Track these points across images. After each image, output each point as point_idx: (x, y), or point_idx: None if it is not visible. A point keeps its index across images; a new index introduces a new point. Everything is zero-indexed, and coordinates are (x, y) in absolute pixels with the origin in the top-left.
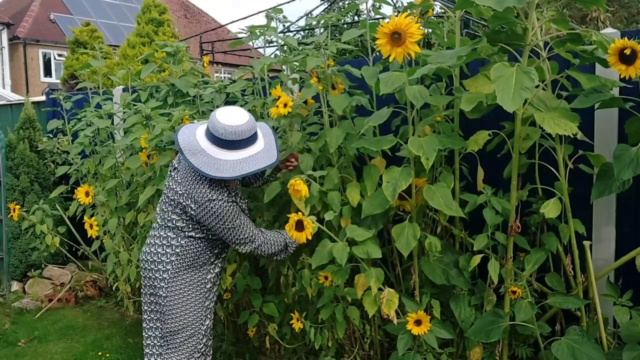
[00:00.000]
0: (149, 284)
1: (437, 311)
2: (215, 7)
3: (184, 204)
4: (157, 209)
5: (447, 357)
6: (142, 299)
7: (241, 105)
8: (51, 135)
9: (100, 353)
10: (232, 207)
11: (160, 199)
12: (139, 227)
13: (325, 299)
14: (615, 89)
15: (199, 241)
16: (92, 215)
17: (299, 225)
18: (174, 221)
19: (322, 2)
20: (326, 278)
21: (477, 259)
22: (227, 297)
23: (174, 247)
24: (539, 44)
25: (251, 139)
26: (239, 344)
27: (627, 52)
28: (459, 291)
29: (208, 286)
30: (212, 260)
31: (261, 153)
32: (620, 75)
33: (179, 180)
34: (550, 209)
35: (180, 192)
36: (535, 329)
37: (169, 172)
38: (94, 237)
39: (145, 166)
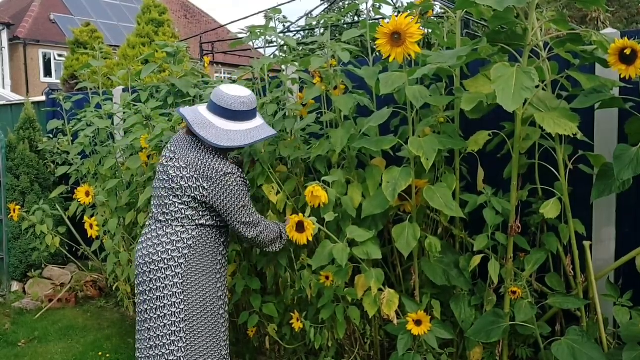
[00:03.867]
0: (151, 288)
1: (437, 311)
2: (215, 7)
3: (195, 186)
4: (153, 208)
5: (447, 358)
6: (137, 308)
7: None
8: (51, 136)
9: (100, 353)
10: (244, 183)
11: (154, 196)
12: (139, 227)
13: (325, 299)
14: (615, 89)
15: (209, 230)
16: (92, 216)
17: (300, 227)
18: (183, 211)
19: (322, 2)
20: (327, 278)
21: (477, 259)
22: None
23: (185, 240)
24: (539, 44)
25: (255, 111)
26: (239, 345)
27: (627, 52)
28: (459, 291)
29: (217, 276)
30: (220, 250)
31: (264, 125)
32: (620, 75)
33: (184, 165)
34: (550, 209)
35: (189, 176)
36: (535, 329)
37: (161, 165)
38: (94, 237)
39: (146, 166)
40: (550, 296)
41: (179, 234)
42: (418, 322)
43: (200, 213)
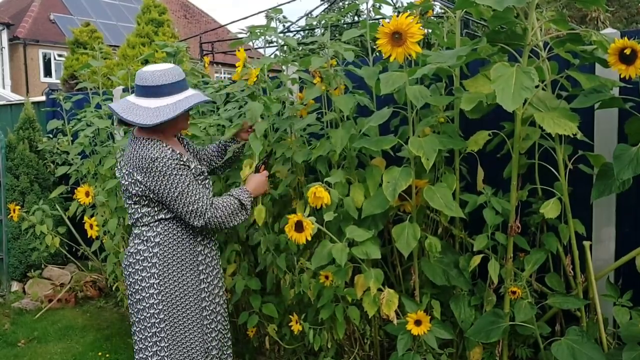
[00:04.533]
0: (132, 292)
1: (437, 311)
2: (215, 7)
3: (132, 181)
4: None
5: (447, 358)
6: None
7: (241, 106)
8: (51, 136)
9: (100, 353)
10: (179, 167)
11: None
12: None
13: (325, 299)
14: (615, 89)
15: (174, 223)
16: (92, 216)
17: (299, 226)
18: (138, 210)
19: (322, 2)
20: (327, 277)
21: (477, 259)
22: (227, 297)
23: (152, 239)
24: (538, 44)
25: (183, 83)
26: (238, 345)
27: (627, 52)
28: (459, 291)
29: (200, 268)
30: (198, 239)
31: (197, 94)
32: (620, 75)
33: (124, 164)
34: (549, 209)
35: (128, 172)
36: (535, 329)
37: (118, 175)
38: (94, 237)
39: None
40: (550, 296)
41: (145, 233)
42: (418, 322)
43: (155, 208)
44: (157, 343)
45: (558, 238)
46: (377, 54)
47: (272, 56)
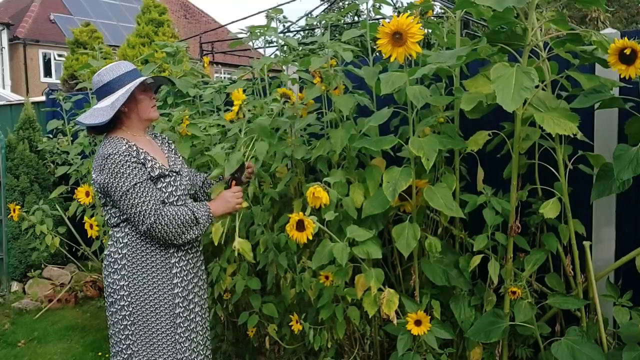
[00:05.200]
0: (106, 296)
1: (437, 311)
2: (215, 7)
3: (93, 181)
4: None
5: (447, 358)
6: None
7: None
8: (51, 136)
9: (100, 353)
10: (130, 164)
11: None
12: None
13: (325, 299)
14: (615, 89)
15: None
16: (92, 216)
17: (300, 225)
18: (108, 211)
19: (322, 2)
20: (327, 277)
21: (477, 259)
22: (227, 297)
23: (120, 240)
24: (538, 44)
25: (132, 74)
26: (238, 345)
27: (627, 52)
28: (459, 291)
29: (174, 271)
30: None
31: (139, 79)
32: (620, 75)
33: (92, 170)
34: (549, 209)
35: (94, 177)
36: (535, 329)
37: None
38: (94, 237)
39: None
40: (550, 296)
41: (115, 234)
42: (418, 322)
43: (121, 208)
44: (131, 346)
45: (558, 238)
46: (377, 54)
47: (272, 56)
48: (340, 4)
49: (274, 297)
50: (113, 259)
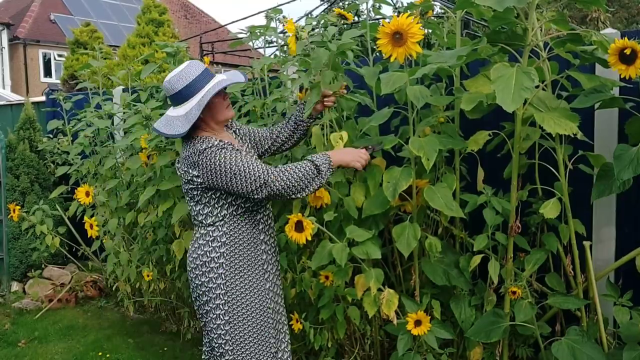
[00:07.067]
0: (198, 294)
1: (437, 311)
2: (215, 7)
3: (191, 178)
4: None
5: (447, 358)
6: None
7: (241, 106)
8: (51, 136)
9: (100, 353)
10: (228, 150)
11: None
12: (139, 227)
13: (325, 299)
14: (615, 89)
15: (237, 220)
16: (92, 216)
17: (299, 226)
18: (202, 207)
19: (322, 2)
20: (327, 278)
21: (477, 259)
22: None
23: (218, 238)
24: (539, 44)
25: (204, 76)
26: None
27: (627, 52)
28: (459, 291)
29: (265, 267)
30: (261, 238)
31: (218, 83)
32: (620, 75)
33: (180, 166)
34: (549, 209)
35: (184, 170)
36: (535, 329)
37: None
38: (94, 237)
39: (146, 166)
40: (550, 296)
41: (211, 233)
42: (418, 322)
43: (216, 205)
44: (223, 346)
45: (558, 238)
46: (377, 54)
47: (272, 56)
48: (340, 4)
49: None
50: (209, 258)
